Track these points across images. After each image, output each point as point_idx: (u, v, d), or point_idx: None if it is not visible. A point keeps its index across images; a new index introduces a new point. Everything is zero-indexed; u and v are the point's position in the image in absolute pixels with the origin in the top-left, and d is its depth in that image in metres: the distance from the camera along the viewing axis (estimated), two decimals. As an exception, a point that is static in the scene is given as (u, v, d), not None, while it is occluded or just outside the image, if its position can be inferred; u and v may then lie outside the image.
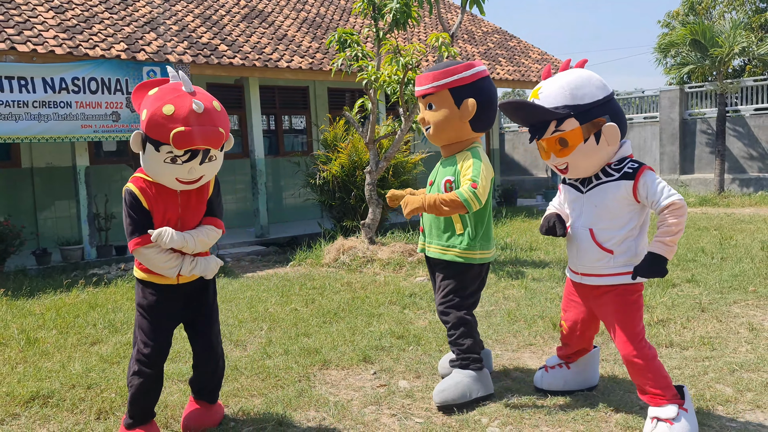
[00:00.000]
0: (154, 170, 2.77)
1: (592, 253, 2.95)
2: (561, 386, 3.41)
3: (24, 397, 3.59)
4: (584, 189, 3.02)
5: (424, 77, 3.39)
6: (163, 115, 2.62)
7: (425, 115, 3.44)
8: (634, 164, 2.88)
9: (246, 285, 6.69)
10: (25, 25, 8.13)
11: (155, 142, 2.66)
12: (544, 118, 2.90)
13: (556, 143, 2.90)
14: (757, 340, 4.22)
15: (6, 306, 5.90)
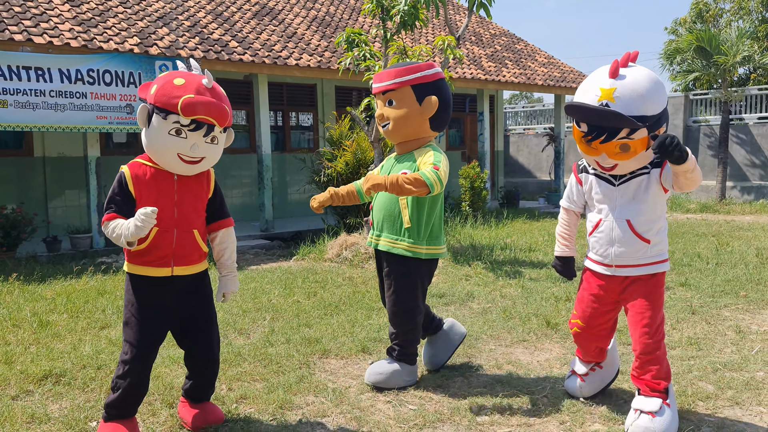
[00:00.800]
0: (157, 144, 2.78)
1: (631, 244, 2.99)
2: (598, 387, 3.40)
3: (37, 376, 3.77)
4: (617, 182, 3.02)
5: (385, 74, 3.51)
6: (173, 85, 2.74)
7: (384, 112, 3.53)
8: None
9: (250, 277, 6.87)
10: (41, 18, 8.32)
11: (163, 110, 2.72)
12: (622, 126, 2.80)
13: (617, 147, 2.84)
14: (742, 342, 4.37)
15: (18, 290, 6.09)
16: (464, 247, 8.16)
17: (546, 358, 4.12)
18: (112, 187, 2.86)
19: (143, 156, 2.92)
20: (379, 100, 3.58)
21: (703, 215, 12.43)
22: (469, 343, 4.43)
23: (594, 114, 2.85)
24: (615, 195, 3.02)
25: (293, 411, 3.31)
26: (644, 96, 2.81)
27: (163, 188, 2.85)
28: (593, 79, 2.95)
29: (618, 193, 3.01)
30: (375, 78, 3.57)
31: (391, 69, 3.51)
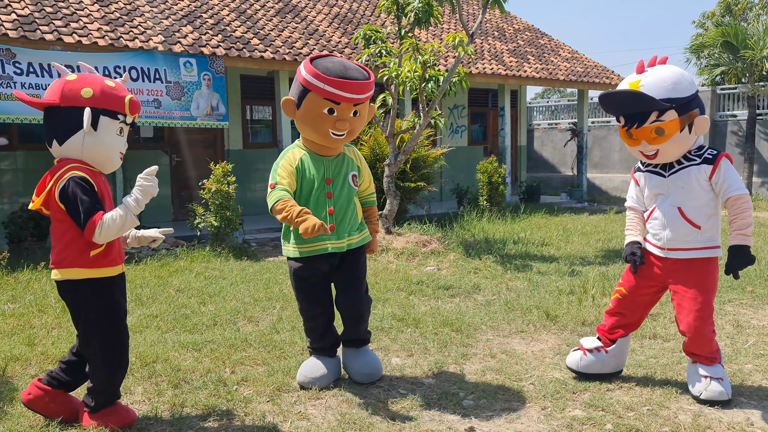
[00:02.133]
0: (104, 145, 2.86)
1: (682, 228, 3.24)
2: (598, 369, 3.57)
3: (56, 357, 4.02)
4: (666, 173, 3.29)
5: (366, 85, 3.41)
6: (109, 87, 2.88)
7: (351, 121, 3.44)
8: (713, 151, 3.26)
9: (265, 268, 7.09)
10: (71, 18, 8.66)
11: (112, 112, 2.86)
12: (650, 108, 3.12)
13: (652, 132, 3.14)
14: (738, 335, 4.42)
15: (46, 278, 6.41)
16: (477, 241, 8.27)
17: (540, 349, 4.24)
18: (80, 194, 2.77)
19: (72, 161, 2.87)
20: (344, 108, 3.39)
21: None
22: (468, 332, 4.57)
23: (619, 98, 3.20)
24: (667, 185, 3.29)
25: (290, 393, 3.49)
26: (667, 81, 3.13)
27: (105, 188, 2.98)
28: (623, 82, 3.32)
29: (669, 183, 3.28)
30: (357, 86, 3.36)
31: (361, 77, 3.40)
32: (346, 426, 3.07)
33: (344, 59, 3.54)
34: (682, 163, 3.26)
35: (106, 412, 3.01)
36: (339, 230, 3.53)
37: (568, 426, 3.06)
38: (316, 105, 3.38)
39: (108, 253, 2.93)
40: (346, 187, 3.57)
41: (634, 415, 3.15)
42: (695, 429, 2.99)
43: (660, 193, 3.32)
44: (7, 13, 8.17)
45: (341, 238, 3.54)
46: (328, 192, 3.52)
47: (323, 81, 3.31)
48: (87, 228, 2.77)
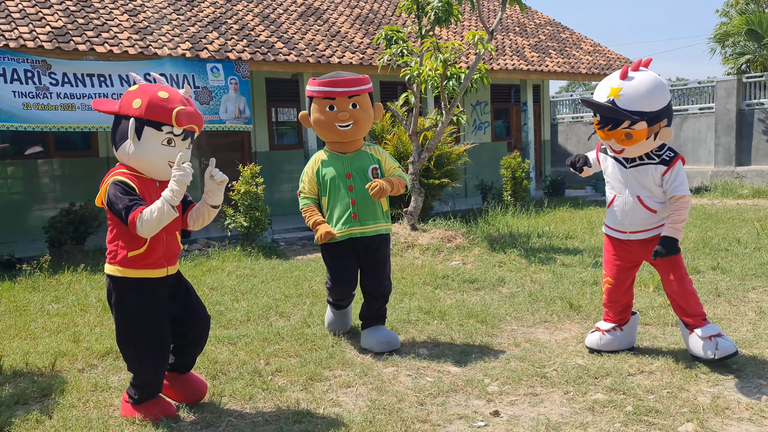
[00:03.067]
0: (150, 156, 2.97)
1: (641, 214, 3.69)
2: (616, 347, 3.92)
3: (100, 352, 4.26)
4: (628, 165, 3.71)
5: (356, 80, 4.04)
6: (160, 98, 2.95)
7: (352, 112, 4.01)
8: (671, 153, 3.66)
9: (295, 266, 7.29)
10: (102, 28, 8.96)
11: (156, 123, 2.94)
12: (622, 119, 3.50)
13: (622, 135, 3.54)
14: (760, 321, 4.47)
15: (86, 279, 6.69)
16: (502, 235, 8.37)
17: (564, 337, 4.35)
18: (120, 194, 2.91)
19: (121, 167, 3.06)
20: (340, 102, 3.99)
21: (756, 200, 12.18)
22: (493, 323, 4.70)
23: (600, 108, 3.59)
24: (626, 175, 3.72)
25: (322, 382, 3.66)
26: (644, 95, 3.48)
27: (152, 195, 3.02)
28: (609, 79, 3.65)
29: (628, 174, 3.71)
30: (342, 81, 3.99)
31: (348, 76, 4.03)
32: (377, 411, 3.22)
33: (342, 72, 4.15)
34: (643, 159, 3.67)
35: (148, 404, 3.18)
36: (362, 218, 4.09)
37: (590, 408, 3.17)
38: (319, 107, 4.05)
39: (149, 256, 3.03)
40: (366, 180, 4.08)
41: (654, 397, 3.26)
42: (714, 410, 3.09)
43: (620, 182, 3.75)
44: (41, 25, 8.49)
45: (365, 225, 4.09)
46: (350, 185, 4.08)
47: (318, 85, 4.04)
48: (129, 224, 2.88)
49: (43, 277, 6.67)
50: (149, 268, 3.05)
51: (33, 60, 7.99)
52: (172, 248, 3.16)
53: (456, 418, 3.15)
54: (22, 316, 5.33)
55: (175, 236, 3.19)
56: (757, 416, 3.02)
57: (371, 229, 4.11)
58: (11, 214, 9.63)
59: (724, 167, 15.17)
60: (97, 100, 3.19)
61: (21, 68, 7.90)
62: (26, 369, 4.00)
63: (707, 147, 15.73)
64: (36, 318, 5.23)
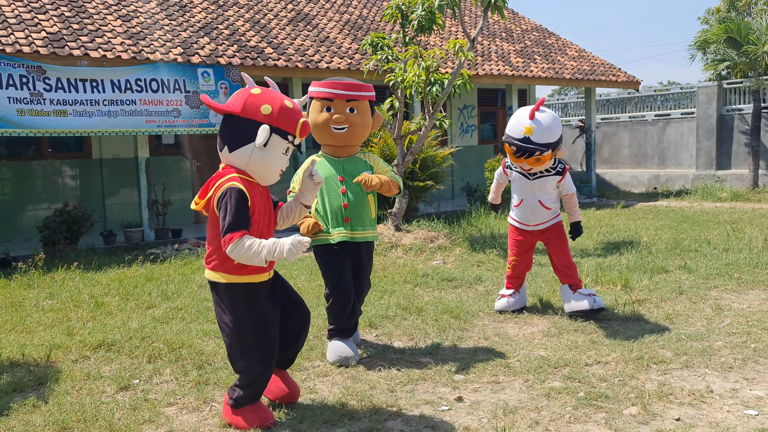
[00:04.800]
0: (269, 161, 2.97)
1: (542, 212, 4.92)
2: (518, 305, 5.12)
3: (92, 345, 4.50)
4: (531, 178, 4.88)
5: (356, 86, 4.04)
6: (287, 107, 2.97)
7: (348, 117, 4.02)
8: (562, 165, 4.91)
9: (280, 265, 7.53)
10: (96, 33, 9.20)
11: (284, 132, 2.96)
12: (541, 149, 4.56)
13: (533, 160, 4.64)
14: (716, 317, 4.76)
15: (79, 276, 6.92)
16: (483, 236, 8.65)
17: (531, 332, 4.62)
18: (233, 205, 2.87)
19: (232, 170, 3.02)
20: (337, 104, 4.00)
21: (733, 204, 12.52)
22: (466, 318, 4.97)
23: (522, 145, 4.60)
24: (530, 186, 4.89)
25: (301, 372, 3.92)
26: (549, 131, 4.59)
27: (261, 200, 3.03)
28: (520, 117, 4.65)
29: (532, 184, 4.88)
30: (335, 84, 4.01)
31: (350, 81, 4.06)
32: (350, 397, 3.48)
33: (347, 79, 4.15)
34: (543, 173, 4.82)
35: (246, 410, 3.12)
36: (353, 222, 4.11)
37: (546, 395, 3.44)
38: (317, 107, 4.09)
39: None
40: (358, 185, 4.10)
41: (606, 385, 3.53)
42: (658, 395, 3.36)
43: (525, 190, 4.90)
44: (37, 31, 8.72)
45: (355, 230, 4.12)
46: (342, 188, 4.10)
47: (319, 86, 4.09)
48: (225, 239, 2.85)
49: (38, 274, 6.90)
50: (253, 273, 3.04)
51: (28, 65, 8.22)
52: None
53: (423, 403, 3.41)
54: (18, 311, 5.56)
55: (273, 237, 3.11)
56: (698, 401, 3.30)
57: (360, 236, 4.11)
58: (5, 214, 9.85)
59: (705, 171, 15.51)
60: (205, 96, 3.14)
61: (17, 74, 8.13)
62: (23, 360, 4.24)
63: (689, 151, 16.08)
64: (31, 313, 5.47)
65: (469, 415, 3.25)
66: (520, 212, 4.98)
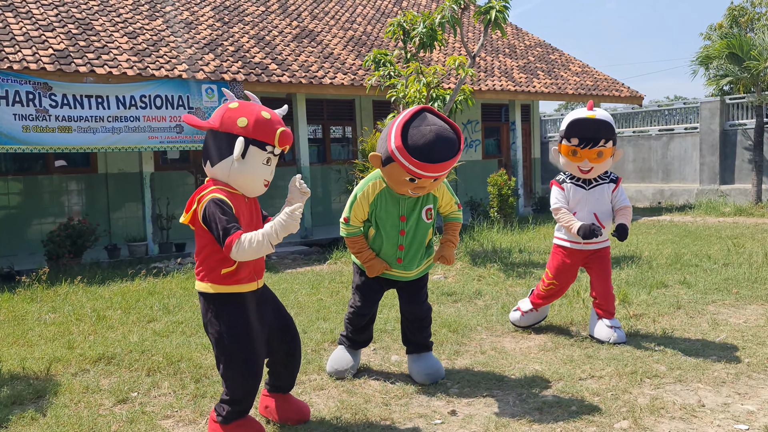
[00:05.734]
0: (249, 173, 2.99)
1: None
2: (532, 323, 4.95)
3: (93, 358, 4.55)
4: (587, 187, 4.57)
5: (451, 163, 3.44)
6: (263, 119, 2.97)
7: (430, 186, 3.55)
8: (614, 175, 4.65)
9: (283, 279, 7.59)
10: (102, 50, 9.34)
11: (261, 143, 2.96)
12: (607, 136, 4.34)
13: (595, 154, 4.37)
14: (713, 332, 4.77)
15: (82, 290, 6.99)
16: (485, 250, 8.68)
17: (528, 346, 4.64)
18: (219, 214, 2.90)
19: (215, 183, 3.05)
20: (425, 180, 3.47)
21: (736, 218, 12.50)
22: (463, 333, 4.99)
23: (593, 123, 4.33)
24: (587, 196, 4.56)
25: (297, 385, 3.94)
26: (611, 120, 4.41)
27: (247, 211, 3.08)
28: (576, 112, 4.44)
29: (589, 195, 4.56)
30: (427, 167, 3.38)
31: (446, 162, 3.42)
32: (345, 410, 3.51)
33: (439, 123, 3.44)
34: (598, 181, 4.56)
35: (236, 425, 3.10)
36: (406, 263, 3.84)
37: (538, 409, 3.46)
38: (399, 173, 3.47)
39: (238, 272, 3.04)
40: (420, 223, 3.78)
41: (598, 399, 3.55)
42: (650, 409, 3.38)
43: (580, 203, 4.56)
44: (44, 48, 8.87)
45: (408, 270, 3.87)
46: (401, 230, 3.76)
47: (407, 159, 3.37)
48: (225, 245, 2.87)
49: (41, 288, 6.98)
50: (241, 282, 3.06)
51: (35, 82, 8.35)
52: (260, 261, 3.18)
53: (416, 416, 3.44)
54: (20, 325, 5.63)
55: None
56: (689, 416, 3.31)
57: (413, 274, 3.90)
58: (11, 228, 9.96)
59: (708, 185, 15.51)
60: (188, 115, 3.15)
61: (23, 90, 8.26)
62: (23, 373, 4.29)
63: (693, 166, 16.09)
64: (33, 327, 5.53)
65: (461, 428, 3.28)
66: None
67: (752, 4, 19.06)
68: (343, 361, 4.03)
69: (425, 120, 3.45)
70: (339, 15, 14.31)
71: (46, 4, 10.32)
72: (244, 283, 3.07)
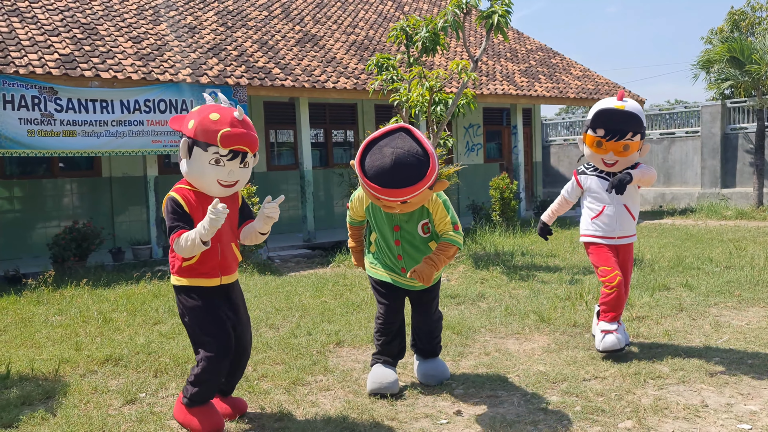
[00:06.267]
0: (198, 174, 3.13)
1: (628, 221, 4.34)
2: (625, 343, 4.27)
3: (100, 359, 4.59)
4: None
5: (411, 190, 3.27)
6: (210, 120, 3.06)
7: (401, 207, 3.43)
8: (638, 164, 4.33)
9: (287, 282, 7.64)
10: (107, 55, 9.40)
11: (203, 144, 3.06)
12: (634, 129, 4.11)
13: (621, 147, 4.13)
14: (715, 333, 4.80)
15: (88, 293, 7.03)
16: (487, 253, 8.72)
17: (531, 347, 4.68)
18: (169, 212, 3.12)
19: (183, 182, 3.26)
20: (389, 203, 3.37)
21: (737, 222, 12.54)
22: (467, 335, 5.03)
23: (620, 115, 4.10)
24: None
25: (303, 386, 3.99)
26: (640, 112, 4.18)
27: (207, 209, 3.09)
28: (605, 102, 4.21)
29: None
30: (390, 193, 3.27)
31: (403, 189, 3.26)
32: (351, 411, 3.55)
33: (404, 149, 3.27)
34: (622, 171, 4.23)
35: (197, 411, 3.24)
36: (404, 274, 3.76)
37: (542, 409, 3.50)
38: (367, 193, 3.43)
39: (202, 266, 3.20)
40: (415, 236, 3.68)
41: (602, 399, 3.59)
42: (654, 410, 3.41)
43: (608, 194, 4.31)
44: (50, 53, 8.93)
45: (414, 281, 3.76)
46: (396, 240, 3.70)
47: (362, 179, 3.33)
48: (170, 243, 3.12)
49: (47, 291, 7.02)
50: (203, 277, 3.22)
51: (41, 86, 8.42)
52: (228, 259, 3.29)
53: (422, 416, 3.47)
54: (28, 327, 5.67)
55: (230, 247, 3.31)
56: (692, 416, 3.35)
57: (418, 284, 3.80)
58: (16, 232, 10.01)
59: (710, 189, 15.55)
60: (174, 117, 3.34)
61: (29, 94, 8.33)
62: (32, 374, 4.33)
63: (694, 169, 16.13)
64: (40, 329, 5.57)
65: (467, 428, 3.31)
66: (603, 222, 4.31)
67: (753, 8, 19.19)
68: (384, 375, 3.78)
69: (393, 141, 3.30)
70: (341, 19, 14.38)
71: (52, 9, 10.39)
72: (205, 277, 3.23)
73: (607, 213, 4.29)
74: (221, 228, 3.15)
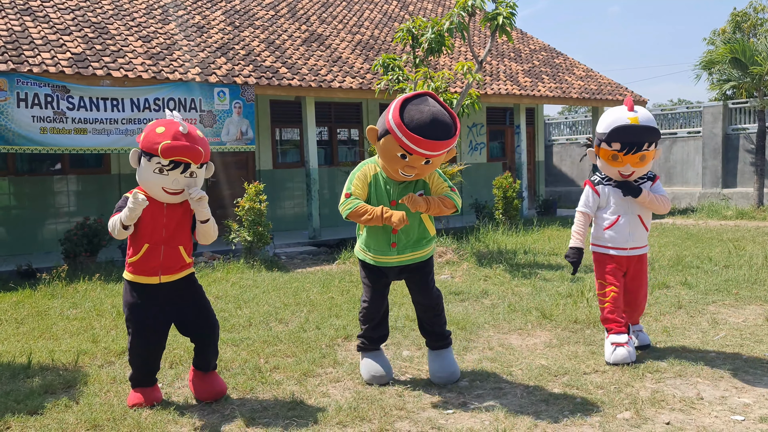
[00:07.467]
0: (145, 180, 3.52)
1: (642, 232, 4.31)
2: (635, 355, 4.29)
3: (117, 351, 4.75)
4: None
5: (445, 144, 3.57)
6: (156, 133, 3.45)
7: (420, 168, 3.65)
8: (651, 173, 4.38)
9: (294, 278, 7.80)
10: (118, 54, 9.56)
11: (148, 154, 3.45)
12: (650, 140, 4.08)
13: (637, 159, 4.11)
14: (712, 330, 4.95)
15: (100, 287, 7.20)
16: (490, 251, 8.87)
17: (534, 342, 4.83)
18: (118, 204, 3.59)
19: (139, 187, 3.64)
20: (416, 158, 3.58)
21: (738, 222, 12.67)
22: (471, 330, 5.18)
23: (638, 130, 4.06)
24: (629, 199, 4.26)
25: (314, 378, 4.15)
26: (653, 122, 4.16)
27: (155, 213, 3.55)
28: (616, 113, 4.15)
29: (631, 197, 4.25)
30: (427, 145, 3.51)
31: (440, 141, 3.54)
32: (360, 401, 3.70)
33: (438, 107, 3.60)
34: (637, 182, 4.28)
35: (139, 390, 3.71)
36: (399, 247, 3.87)
37: (545, 401, 3.66)
38: (392, 147, 3.58)
39: (144, 263, 3.57)
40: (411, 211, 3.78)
41: (602, 392, 3.74)
42: (651, 401, 3.57)
43: (623, 205, 4.29)
44: (62, 51, 9.09)
45: (402, 254, 3.88)
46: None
47: (402, 132, 3.50)
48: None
49: (61, 285, 7.19)
50: (142, 274, 3.59)
51: (54, 85, 8.58)
52: (171, 260, 3.61)
53: (429, 406, 3.63)
54: (44, 319, 5.84)
55: (177, 250, 3.61)
56: (688, 407, 3.50)
57: (407, 258, 3.90)
58: (27, 228, 10.18)
59: (711, 189, 15.68)
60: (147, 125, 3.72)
61: (42, 93, 8.49)
62: (52, 365, 4.49)
63: (695, 169, 16.26)
64: (57, 321, 5.74)
65: (472, 418, 3.47)
66: (616, 232, 4.27)
67: (755, 10, 19.31)
68: (374, 367, 4.00)
69: (425, 102, 3.63)
70: (347, 19, 14.52)
71: (63, 8, 10.55)
72: (145, 275, 3.58)
73: (620, 223, 4.25)
74: (167, 231, 3.56)
